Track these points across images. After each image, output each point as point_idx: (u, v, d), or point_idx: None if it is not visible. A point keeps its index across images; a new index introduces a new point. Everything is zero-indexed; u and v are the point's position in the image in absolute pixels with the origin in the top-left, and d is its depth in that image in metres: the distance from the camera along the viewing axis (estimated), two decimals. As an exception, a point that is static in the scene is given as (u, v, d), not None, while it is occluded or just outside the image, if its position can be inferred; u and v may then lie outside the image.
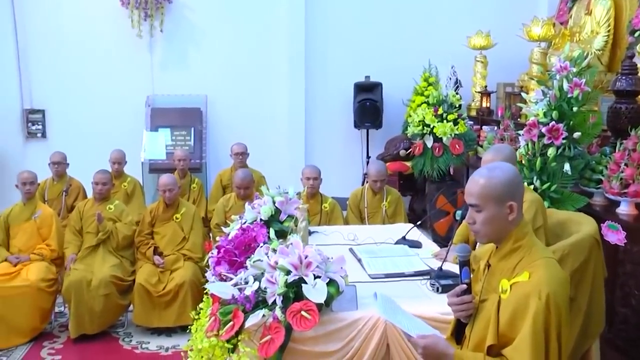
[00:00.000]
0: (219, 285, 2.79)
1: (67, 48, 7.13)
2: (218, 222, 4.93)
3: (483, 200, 2.00)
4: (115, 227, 4.76)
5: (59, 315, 5.00)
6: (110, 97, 7.18)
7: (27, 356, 4.38)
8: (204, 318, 2.92)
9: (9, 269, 4.55)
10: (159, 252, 4.77)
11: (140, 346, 4.52)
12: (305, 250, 2.69)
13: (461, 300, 2.10)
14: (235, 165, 5.98)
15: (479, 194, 2.00)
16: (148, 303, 4.57)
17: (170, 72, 7.25)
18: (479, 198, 2.00)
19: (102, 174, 4.87)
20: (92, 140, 6.96)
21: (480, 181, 2.02)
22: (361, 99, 7.25)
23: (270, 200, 3.69)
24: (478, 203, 2.01)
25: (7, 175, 7.08)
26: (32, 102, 7.20)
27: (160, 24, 7.06)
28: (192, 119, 7.12)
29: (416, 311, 2.49)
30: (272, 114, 7.47)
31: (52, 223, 4.79)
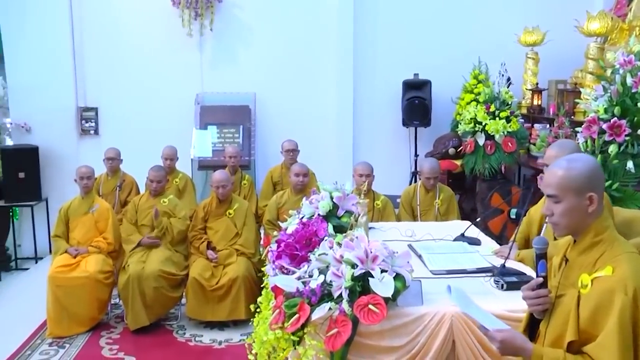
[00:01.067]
0: (283, 279, 2.80)
1: (120, 48, 7.28)
2: (270, 219, 4.95)
3: (562, 191, 1.95)
4: (169, 223, 4.83)
5: (114, 307, 5.11)
6: (160, 95, 7.29)
7: (87, 344, 4.51)
8: (266, 311, 2.93)
9: (69, 261, 4.68)
10: (212, 246, 4.82)
11: (193, 339, 4.58)
12: (370, 244, 2.67)
13: (537, 294, 2.04)
14: (286, 162, 6.00)
15: (558, 185, 1.95)
16: (201, 297, 4.63)
17: (220, 70, 7.32)
18: (558, 189, 1.95)
19: (157, 172, 4.95)
20: (143, 137, 7.07)
21: (559, 172, 1.97)
22: (410, 96, 7.19)
23: (327, 195, 3.67)
24: (557, 194, 1.96)
25: (62, 171, 7.28)
26: (86, 100, 7.37)
27: (210, 23, 7.14)
28: (241, 116, 7.17)
29: (483, 308, 2.45)
30: (320, 112, 7.47)
31: (109, 217, 4.89)
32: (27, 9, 7.03)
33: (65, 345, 4.49)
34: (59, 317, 4.59)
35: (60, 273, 4.60)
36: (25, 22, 7.05)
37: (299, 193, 4.97)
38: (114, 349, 4.41)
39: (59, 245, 4.83)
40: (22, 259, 7.38)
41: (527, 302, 2.10)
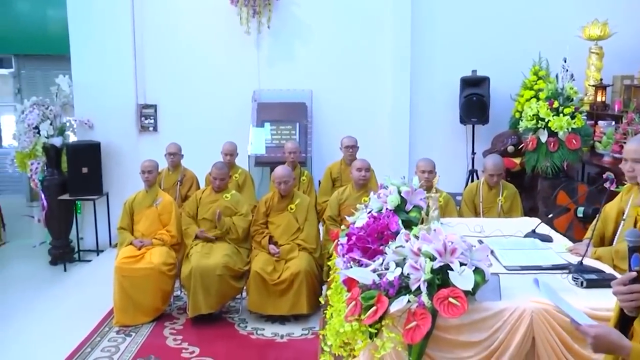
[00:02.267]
0: (359, 271, 2.78)
1: (179, 46, 7.42)
2: (331, 215, 4.95)
3: None
4: (233, 223, 4.88)
5: (177, 299, 5.20)
6: (218, 92, 7.39)
7: (152, 334, 4.61)
8: (339, 303, 2.92)
9: (134, 252, 4.78)
10: (273, 241, 4.84)
11: (255, 332, 4.62)
12: (448, 237, 2.62)
13: (629, 289, 1.95)
14: (345, 159, 5.98)
15: None
16: (263, 291, 4.66)
17: (277, 68, 7.37)
18: None
19: (220, 170, 5.01)
20: (201, 134, 7.18)
21: None
22: (467, 93, 7.08)
23: (395, 190, 3.64)
24: None
25: (122, 166, 7.49)
26: (146, 97, 7.54)
27: (267, 21, 7.19)
28: (298, 113, 7.20)
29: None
30: (376, 109, 7.43)
31: (172, 210, 4.98)
32: (92, 12, 7.24)
33: (131, 333, 4.60)
34: (124, 306, 4.70)
35: (126, 264, 4.71)
36: (90, 24, 7.26)
37: (360, 188, 4.95)
38: (178, 339, 4.48)
39: (124, 237, 4.94)
40: (85, 251, 7.60)
41: (618, 298, 2.01)
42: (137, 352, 4.28)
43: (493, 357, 2.56)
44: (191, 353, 4.25)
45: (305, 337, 4.52)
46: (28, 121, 7.09)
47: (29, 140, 7.12)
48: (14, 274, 7.77)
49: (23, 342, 4.67)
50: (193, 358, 4.18)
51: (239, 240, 4.92)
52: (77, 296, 5.74)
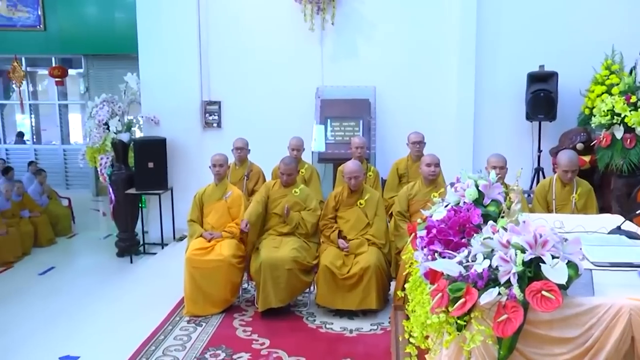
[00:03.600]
0: (444, 263, 2.73)
1: (243, 44, 7.52)
2: (400, 210, 4.89)
3: None
4: (301, 218, 4.90)
5: (244, 291, 5.26)
6: (281, 89, 7.45)
7: (222, 324, 4.68)
8: (422, 295, 2.87)
9: (204, 244, 4.86)
10: (342, 235, 4.83)
11: (324, 326, 4.61)
12: (538, 229, 2.54)
13: None
14: (412, 155, 5.91)
15: None
16: (332, 285, 4.64)
17: (340, 64, 7.37)
18: None
19: (288, 165, 5.02)
20: (264, 130, 7.25)
21: None
22: (535, 89, 6.90)
23: (472, 183, 3.56)
24: None
25: (186, 162, 7.64)
26: (210, 94, 7.67)
27: (331, 17, 7.20)
28: (361, 110, 7.17)
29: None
30: (440, 105, 7.34)
31: (241, 204, 5.03)
32: (160, 13, 7.43)
33: (201, 323, 4.68)
34: (195, 297, 4.78)
35: (196, 255, 4.78)
36: (157, 25, 7.46)
37: (430, 184, 4.89)
38: (248, 331, 4.52)
39: (194, 229, 5.02)
40: (149, 244, 7.79)
41: None
42: (208, 342, 4.34)
43: (587, 355, 2.46)
44: (261, 344, 4.28)
45: (374, 333, 4.49)
46: (98, 117, 7.31)
47: (99, 136, 7.35)
48: (84, 265, 8.08)
49: (97, 329, 4.81)
50: (264, 349, 4.20)
51: (308, 235, 4.93)
52: (145, 287, 5.88)
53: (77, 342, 4.52)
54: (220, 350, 4.20)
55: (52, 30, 10.76)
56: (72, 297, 6.38)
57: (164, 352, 4.21)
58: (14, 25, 10.83)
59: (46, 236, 8.61)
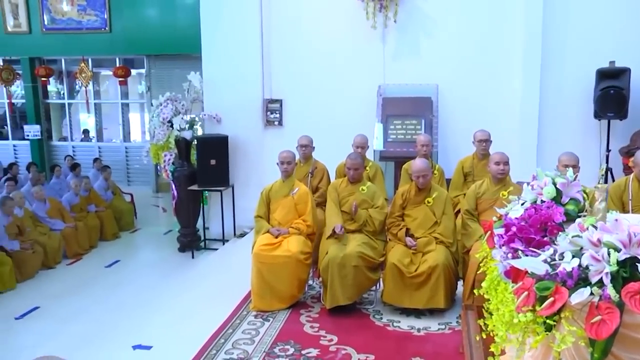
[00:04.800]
0: (529, 261, 2.66)
1: (304, 42, 7.56)
2: (468, 209, 4.82)
3: None
4: (369, 216, 4.88)
5: (310, 288, 5.28)
6: (343, 87, 7.46)
7: (289, 320, 4.71)
8: (503, 294, 2.82)
9: (272, 240, 4.90)
10: (410, 234, 4.79)
11: (391, 324, 4.58)
12: (632, 227, 2.45)
13: None
14: (477, 153, 5.81)
15: None
16: (400, 283, 4.61)
17: (402, 62, 7.32)
18: None
19: (355, 160, 5.02)
20: (325, 128, 7.23)
21: None
22: (604, 86, 6.68)
23: (550, 181, 3.48)
24: None
25: (247, 159, 7.74)
26: (272, 92, 7.75)
27: (394, 15, 7.16)
28: (423, 108, 7.11)
29: None
30: (503, 103, 7.20)
31: (308, 200, 5.05)
32: (223, 12, 7.55)
33: (269, 318, 4.72)
34: (262, 292, 4.83)
35: (264, 251, 4.82)
36: (220, 23, 7.60)
37: (498, 182, 4.78)
38: (315, 327, 4.54)
39: (261, 225, 5.06)
40: (210, 240, 7.93)
41: None
42: (276, 337, 4.38)
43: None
44: (329, 341, 4.29)
45: (442, 332, 4.43)
46: (163, 115, 7.49)
47: (163, 133, 7.53)
48: (147, 259, 8.31)
49: (167, 320, 4.92)
50: (332, 346, 4.20)
51: (376, 233, 4.91)
52: (209, 281, 5.97)
53: (148, 333, 4.64)
54: (289, 346, 4.22)
55: (117, 32, 11.11)
56: (139, 290, 6.57)
57: (233, 345, 4.27)
58: (83, 28, 11.24)
59: (111, 230, 8.89)
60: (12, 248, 7.09)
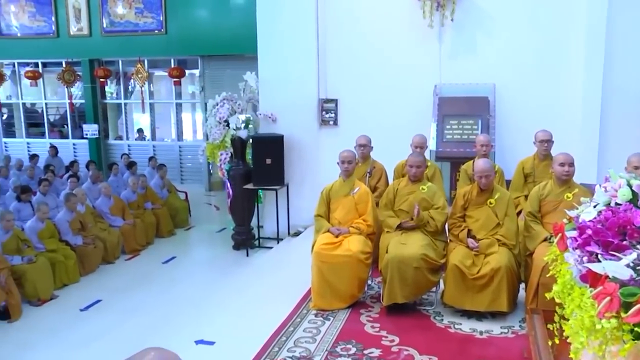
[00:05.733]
0: (611, 265, 2.60)
1: (360, 41, 7.57)
2: (531, 211, 4.73)
3: None
4: (431, 217, 4.85)
5: (369, 288, 5.28)
6: (398, 87, 7.43)
7: (349, 319, 4.72)
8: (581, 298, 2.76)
9: (332, 239, 4.92)
10: (471, 235, 4.73)
11: (453, 326, 4.54)
12: None
13: None
14: (539, 153, 5.70)
15: None
16: (461, 285, 4.56)
17: (459, 61, 7.25)
18: None
19: (417, 157, 5.01)
20: (380, 128, 7.19)
21: None
22: (671, 86, 6.45)
23: (625, 183, 3.38)
24: None
25: (302, 159, 7.79)
26: (327, 92, 7.78)
27: (451, 13, 7.09)
28: (480, 107, 7.02)
29: None
30: (564, 104, 7.05)
31: (369, 200, 5.05)
32: (279, 13, 7.63)
33: (329, 317, 4.75)
34: (322, 291, 4.86)
35: (325, 250, 4.85)
36: (277, 24, 7.67)
37: (563, 184, 4.68)
38: (376, 327, 4.54)
39: (321, 224, 5.09)
40: (264, 239, 8.01)
41: None
42: (337, 336, 4.40)
43: None
44: (391, 341, 4.28)
45: (505, 336, 4.36)
46: (219, 115, 7.61)
47: (219, 133, 7.65)
48: (202, 256, 8.48)
49: (227, 317, 5.01)
50: (394, 346, 4.20)
51: (436, 233, 4.87)
52: (266, 279, 6.04)
53: (210, 329, 4.73)
54: (351, 345, 4.24)
55: (172, 34, 11.37)
56: (196, 286, 6.71)
57: (295, 343, 4.32)
58: (140, 30, 11.56)
59: (167, 227, 9.10)
60: (75, 243, 7.36)
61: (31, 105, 14.54)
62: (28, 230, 6.95)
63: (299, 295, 5.23)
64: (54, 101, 14.07)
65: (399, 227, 4.88)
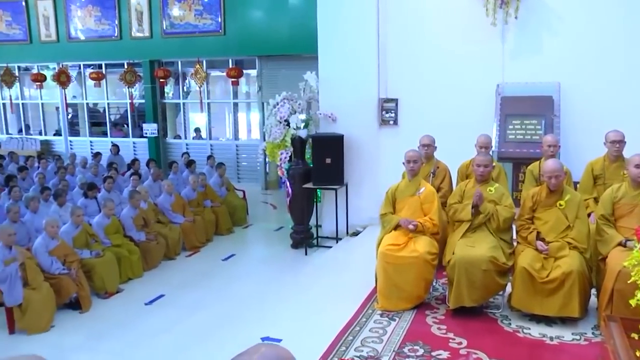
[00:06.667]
0: None
1: (421, 40, 7.51)
2: (604, 214, 4.59)
3: None
4: (496, 210, 4.77)
5: (433, 289, 5.24)
6: (459, 86, 7.34)
7: (415, 321, 4.71)
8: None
9: (398, 240, 4.90)
10: (540, 237, 4.63)
11: (521, 330, 4.45)
12: None
13: None
14: (609, 154, 5.52)
15: None
16: (530, 288, 4.47)
17: (522, 60, 7.11)
18: None
19: (485, 157, 4.96)
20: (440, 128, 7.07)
21: None
22: None
23: None
24: None
25: (361, 158, 7.79)
26: (387, 91, 7.75)
27: (515, 11, 6.95)
28: (543, 107, 6.87)
29: None
30: (635, 104, 6.78)
31: (434, 200, 5.02)
32: (340, 12, 7.65)
33: (394, 318, 4.74)
34: (388, 292, 4.85)
35: (390, 251, 4.84)
36: (337, 24, 7.70)
37: (638, 186, 4.52)
38: (443, 329, 4.50)
39: (389, 218, 4.99)
40: (323, 238, 8.05)
41: None
42: (404, 337, 4.39)
43: None
44: (459, 344, 4.24)
45: (577, 343, 4.24)
46: (280, 114, 7.70)
47: (280, 132, 7.73)
48: (261, 254, 8.59)
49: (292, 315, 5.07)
50: (462, 349, 4.16)
51: (500, 230, 4.76)
52: (327, 279, 6.07)
53: (274, 326, 4.79)
54: (418, 346, 4.22)
55: (231, 34, 11.57)
56: (256, 283, 6.81)
57: (362, 342, 4.33)
58: (198, 31, 11.83)
59: (225, 225, 9.25)
60: (139, 239, 7.57)
61: (93, 105, 15.08)
62: (95, 225, 7.20)
63: (363, 295, 5.24)
64: (115, 101, 14.54)
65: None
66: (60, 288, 6.08)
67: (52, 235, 6.28)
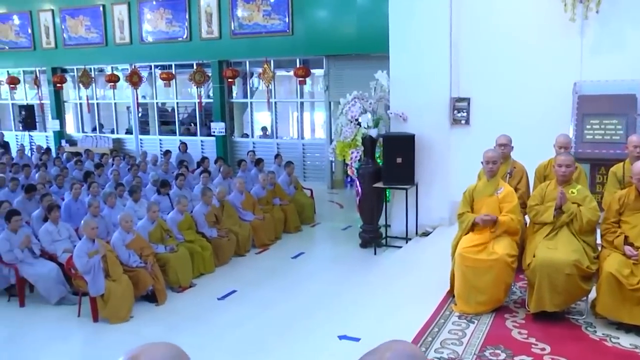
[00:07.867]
0: None
1: (495, 38, 7.36)
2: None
3: None
4: (579, 211, 4.62)
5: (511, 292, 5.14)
6: (535, 85, 7.16)
7: (494, 324, 4.62)
8: None
9: (476, 241, 4.82)
10: (628, 242, 4.46)
11: (609, 339, 4.29)
12: None
13: None
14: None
15: None
16: (618, 295, 4.30)
17: (602, 57, 6.86)
18: None
19: (566, 157, 4.82)
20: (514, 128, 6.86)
21: None
22: None
23: None
24: None
25: (432, 158, 7.72)
26: (459, 91, 7.64)
27: (596, 5, 6.71)
28: (625, 106, 6.61)
29: None
30: None
31: (513, 199, 4.91)
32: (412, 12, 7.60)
33: (473, 321, 4.67)
34: (467, 295, 4.78)
35: (468, 253, 4.76)
36: (409, 23, 7.65)
37: None
38: (524, 333, 4.41)
39: (466, 217, 4.91)
40: (391, 238, 8.03)
41: None
42: (484, 340, 4.32)
43: None
44: (542, 350, 4.14)
45: (671, 355, 4.07)
46: (351, 113, 7.72)
47: (351, 131, 7.76)
48: (330, 252, 8.65)
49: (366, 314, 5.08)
50: (546, 355, 4.05)
51: (582, 232, 4.59)
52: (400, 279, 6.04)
53: (351, 325, 4.81)
54: (500, 350, 4.15)
55: (298, 34, 11.69)
56: (328, 282, 6.86)
57: (441, 344, 4.29)
58: (267, 31, 12.01)
59: (294, 223, 9.36)
60: (211, 235, 7.77)
61: (162, 104, 15.56)
62: (169, 221, 7.43)
63: (438, 296, 5.19)
64: (183, 101, 14.94)
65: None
66: (137, 280, 6.33)
67: (127, 230, 6.55)
